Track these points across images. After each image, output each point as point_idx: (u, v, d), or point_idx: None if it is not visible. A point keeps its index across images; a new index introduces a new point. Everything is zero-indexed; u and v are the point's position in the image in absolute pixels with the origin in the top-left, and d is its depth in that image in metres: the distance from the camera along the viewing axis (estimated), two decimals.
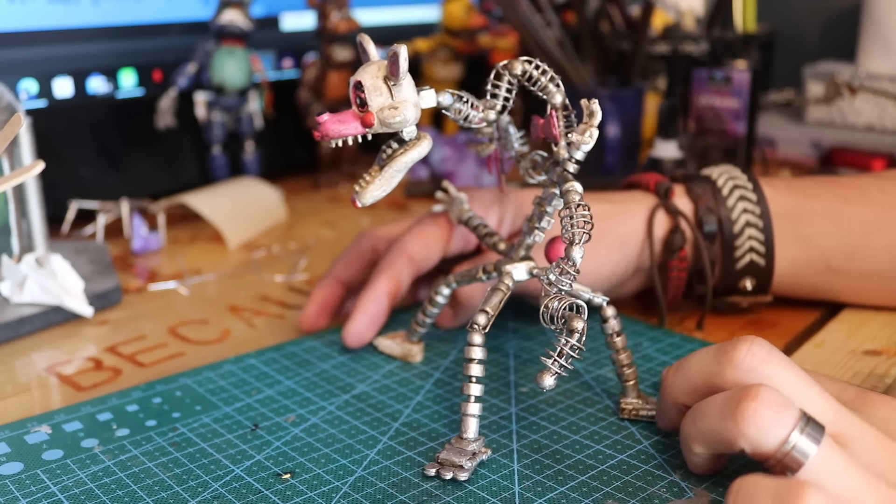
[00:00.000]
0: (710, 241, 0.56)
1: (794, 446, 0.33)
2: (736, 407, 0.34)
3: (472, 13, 1.02)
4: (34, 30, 0.77)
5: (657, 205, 0.56)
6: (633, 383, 0.47)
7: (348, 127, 0.39)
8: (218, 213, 0.77)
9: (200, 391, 0.49)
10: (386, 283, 0.53)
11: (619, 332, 0.46)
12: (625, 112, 0.94)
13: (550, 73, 0.41)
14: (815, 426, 0.33)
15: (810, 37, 1.33)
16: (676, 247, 0.56)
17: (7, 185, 0.45)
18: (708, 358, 0.38)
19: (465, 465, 0.41)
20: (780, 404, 0.34)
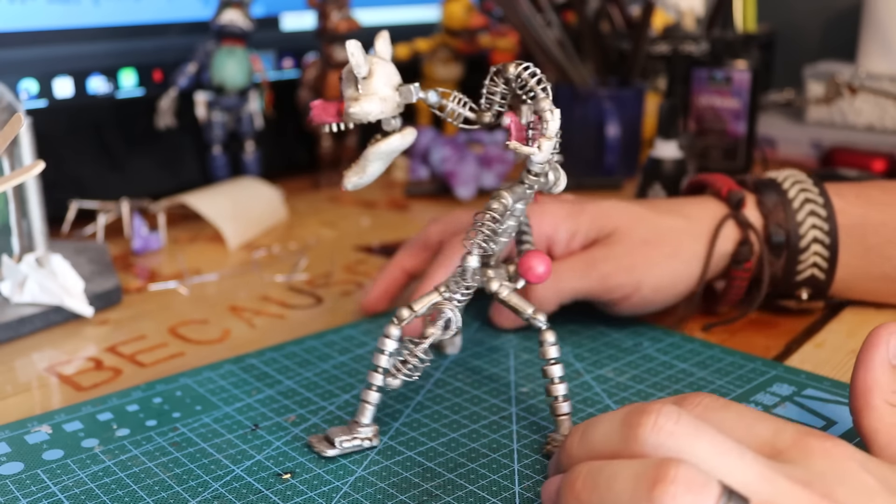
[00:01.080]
0: (775, 255, 0.56)
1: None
2: (651, 491, 0.29)
3: (473, 13, 1.02)
4: (34, 30, 0.77)
5: (727, 215, 0.56)
6: (566, 418, 0.43)
7: (327, 115, 0.41)
8: (218, 213, 0.77)
9: (201, 391, 0.49)
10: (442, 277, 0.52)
11: (555, 359, 0.43)
12: (625, 112, 0.94)
13: (540, 76, 0.40)
14: (739, 500, 0.29)
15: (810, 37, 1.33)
16: (743, 258, 0.56)
17: (7, 185, 0.45)
18: (613, 432, 0.34)
19: (337, 444, 0.42)
20: (698, 484, 0.29)
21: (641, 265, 0.53)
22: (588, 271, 0.53)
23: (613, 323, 0.58)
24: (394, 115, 0.42)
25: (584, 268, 0.53)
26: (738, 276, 0.56)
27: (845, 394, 0.48)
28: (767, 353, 0.54)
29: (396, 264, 0.58)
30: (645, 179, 0.70)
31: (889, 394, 0.38)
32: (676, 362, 0.52)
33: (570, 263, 0.54)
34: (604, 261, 0.53)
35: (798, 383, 0.50)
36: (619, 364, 0.53)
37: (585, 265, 0.53)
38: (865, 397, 0.38)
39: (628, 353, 0.54)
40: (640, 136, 0.97)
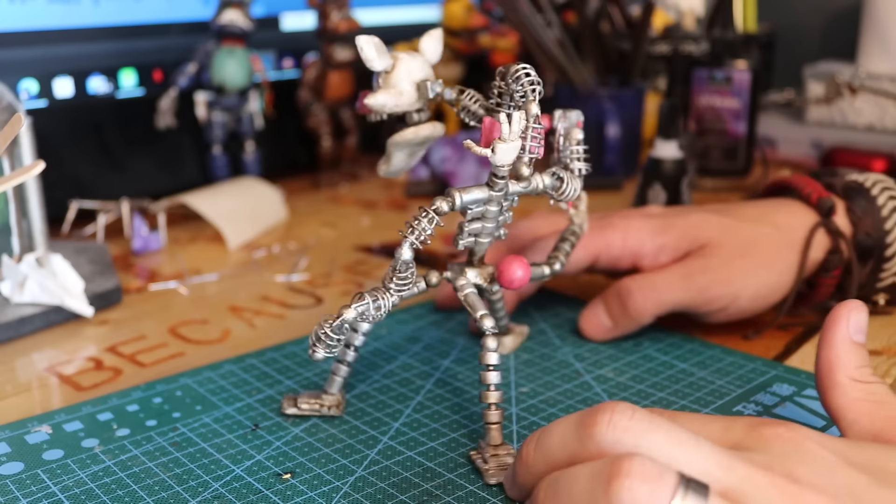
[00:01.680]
0: (862, 262, 0.56)
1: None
2: (608, 487, 0.29)
3: (473, 13, 1.02)
4: (34, 30, 0.77)
5: (818, 223, 0.55)
6: (495, 427, 0.42)
7: (363, 103, 0.44)
8: (218, 213, 0.77)
9: (201, 391, 0.49)
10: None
11: (493, 366, 0.42)
12: (625, 112, 0.94)
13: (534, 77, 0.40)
14: (698, 488, 0.29)
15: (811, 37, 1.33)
16: (832, 266, 0.55)
17: (7, 184, 0.45)
18: (569, 434, 0.34)
19: (300, 405, 0.46)
20: (654, 475, 0.29)
21: (738, 277, 0.53)
22: (686, 283, 0.53)
23: None
24: (414, 108, 0.43)
25: (681, 280, 0.53)
26: (825, 283, 0.56)
27: None
28: (767, 353, 0.54)
29: None
30: (645, 179, 0.70)
31: (852, 370, 0.39)
32: (677, 362, 0.52)
33: (667, 276, 0.53)
34: (701, 273, 0.53)
35: (798, 383, 0.50)
36: (618, 364, 0.53)
37: (683, 277, 0.53)
38: (830, 375, 0.39)
39: (628, 352, 0.54)
40: (640, 136, 0.97)
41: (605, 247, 0.55)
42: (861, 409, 0.38)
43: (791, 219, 0.56)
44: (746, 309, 0.54)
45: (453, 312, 0.60)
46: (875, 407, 0.37)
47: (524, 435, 0.45)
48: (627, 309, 0.53)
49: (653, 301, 0.53)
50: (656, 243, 0.55)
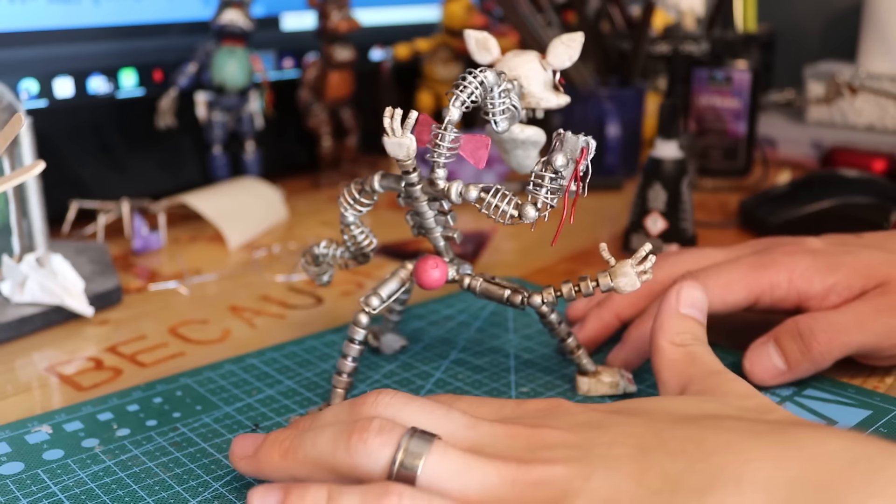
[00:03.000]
0: None
1: (402, 462, 0.33)
2: (348, 440, 0.34)
3: (473, 13, 1.02)
4: (35, 30, 0.77)
5: None
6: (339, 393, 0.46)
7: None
8: (218, 213, 0.77)
9: (201, 391, 0.49)
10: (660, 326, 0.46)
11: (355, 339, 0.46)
12: (625, 112, 0.94)
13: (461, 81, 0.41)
14: (423, 436, 0.33)
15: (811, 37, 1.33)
16: None
17: (8, 184, 0.45)
18: (341, 411, 0.38)
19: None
20: (385, 428, 0.34)
21: None
22: (875, 324, 0.48)
23: None
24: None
25: (869, 319, 0.48)
26: None
27: (845, 393, 0.48)
28: None
29: (611, 310, 0.54)
30: (645, 179, 0.70)
31: (673, 335, 0.43)
32: None
33: (853, 315, 0.48)
34: (888, 312, 0.48)
35: (798, 382, 0.50)
36: None
37: (870, 316, 0.48)
38: (654, 340, 0.43)
39: None
40: (640, 136, 0.97)
41: (769, 287, 0.50)
42: (674, 368, 0.42)
43: None
44: None
45: (468, 320, 0.60)
46: (685, 366, 0.41)
47: None
48: (811, 351, 0.48)
49: (839, 343, 0.48)
50: (827, 284, 0.50)
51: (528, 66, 0.44)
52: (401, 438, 0.33)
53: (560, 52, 0.44)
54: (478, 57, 0.45)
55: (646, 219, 0.70)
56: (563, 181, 0.41)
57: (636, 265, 0.42)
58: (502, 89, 0.42)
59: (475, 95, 0.41)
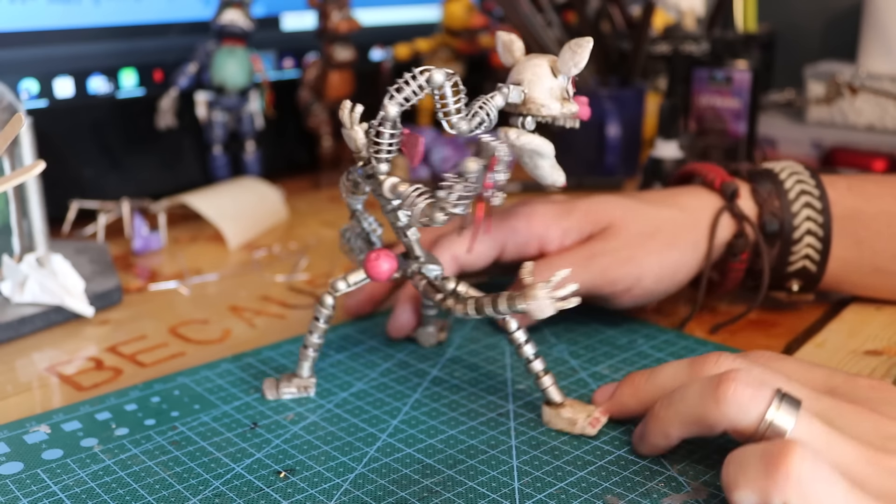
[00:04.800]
0: (769, 244, 0.56)
1: (772, 422, 0.34)
2: (716, 389, 0.36)
3: (473, 13, 1.02)
4: (35, 30, 0.78)
5: (723, 207, 0.56)
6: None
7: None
8: (218, 213, 0.77)
9: (199, 390, 0.49)
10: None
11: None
12: (626, 112, 0.94)
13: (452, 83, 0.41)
14: (791, 401, 0.35)
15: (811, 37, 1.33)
16: (739, 250, 0.56)
17: (8, 184, 0.45)
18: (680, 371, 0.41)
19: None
20: (756, 383, 0.35)
21: (641, 256, 0.53)
22: (587, 266, 0.53)
23: (608, 320, 0.58)
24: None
25: (582, 262, 0.53)
26: (735, 267, 0.56)
27: None
28: None
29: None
30: (645, 179, 0.70)
31: None
32: (671, 359, 0.52)
33: (567, 259, 0.53)
34: (602, 254, 0.53)
35: None
36: (614, 361, 0.53)
37: (584, 259, 0.53)
38: None
39: (623, 349, 0.54)
40: (640, 136, 0.97)
41: (510, 233, 0.55)
42: None
43: (694, 201, 0.57)
44: (651, 290, 0.54)
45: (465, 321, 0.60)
46: None
47: (522, 431, 0.45)
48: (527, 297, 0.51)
49: None
50: (561, 227, 0.55)
51: (534, 70, 0.42)
52: (772, 399, 0.35)
53: (566, 57, 0.42)
54: (502, 58, 0.45)
55: None
56: (475, 188, 0.41)
57: (550, 291, 0.42)
58: (454, 90, 0.41)
59: (413, 95, 0.41)
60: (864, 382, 0.38)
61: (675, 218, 0.56)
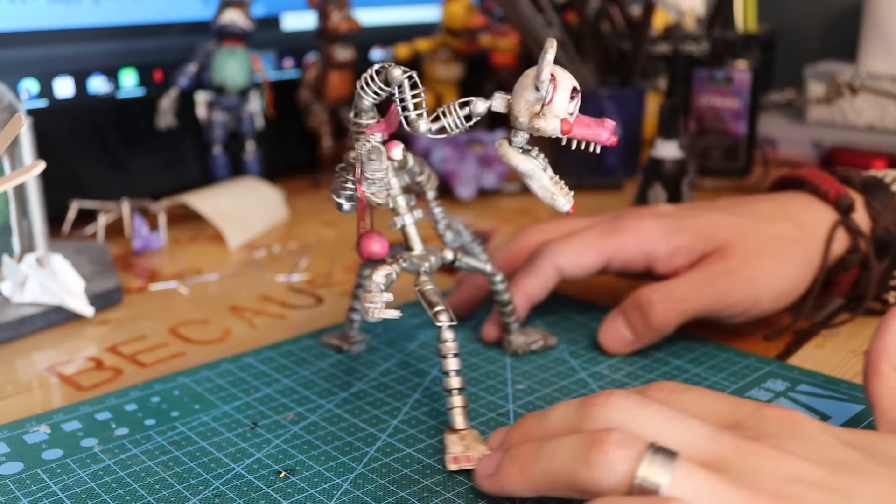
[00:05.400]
0: (879, 258, 0.55)
1: (644, 479, 0.31)
2: (587, 451, 0.33)
3: (473, 13, 1.02)
4: (35, 30, 0.78)
5: (838, 222, 0.54)
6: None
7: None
8: (219, 213, 0.77)
9: (199, 390, 0.49)
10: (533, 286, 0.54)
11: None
12: (626, 112, 0.94)
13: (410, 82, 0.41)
14: (666, 455, 0.32)
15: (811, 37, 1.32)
16: (850, 265, 0.55)
17: (8, 184, 0.45)
18: (570, 413, 0.37)
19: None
20: (626, 442, 0.32)
21: (760, 277, 0.52)
22: (708, 289, 0.51)
23: None
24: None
25: (703, 286, 0.51)
26: (842, 281, 0.55)
27: (839, 389, 0.48)
28: (768, 352, 0.54)
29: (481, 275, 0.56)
30: (645, 179, 0.70)
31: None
32: (671, 359, 0.52)
33: (688, 283, 0.51)
34: (722, 276, 0.51)
35: (792, 379, 0.50)
36: (614, 361, 0.53)
37: (705, 283, 0.51)
38: (875, 363, 0.39)
39: None
40: (640, 136, 0.97)
41: (617, 249, 0.54)
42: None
43: (808, 214, 0.55)
44: (768, 309, 0.53)
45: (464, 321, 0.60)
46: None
47: None
48: (650, 321, 0.51)
49: (676, 312, 0.51)
50: (670, 245, 0.53)
51: (521, 80, 0.41)
52: (643, 454, 0.32)
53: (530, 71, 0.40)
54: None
55: None
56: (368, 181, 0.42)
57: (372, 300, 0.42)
58: (412, 88, 0.41)
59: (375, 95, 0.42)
60: (773, 414, 0.35)
61: (790, 234, 0.54)
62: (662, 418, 0.34)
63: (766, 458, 0.32)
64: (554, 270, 0.54)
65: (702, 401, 0.36)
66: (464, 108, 0.41)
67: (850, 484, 0.31)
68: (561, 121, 0.40)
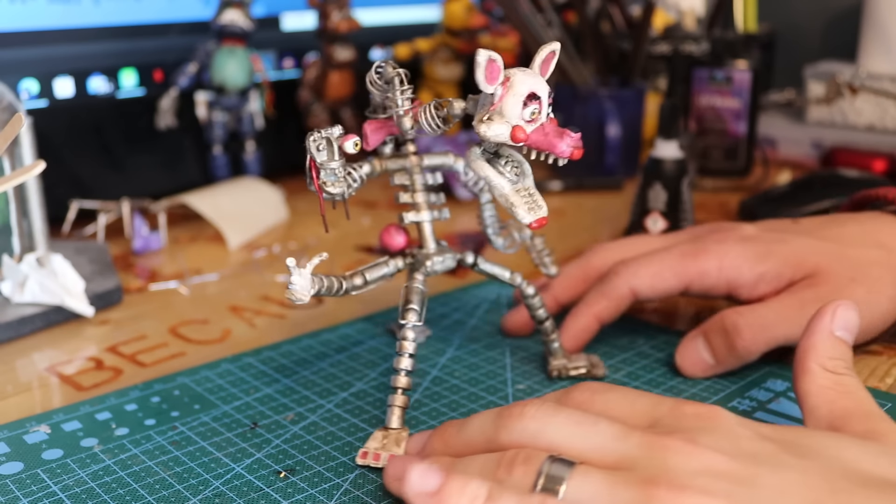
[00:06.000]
0: None
1: (543, 486, 0.33)
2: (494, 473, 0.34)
3: (473, 13, 1.02)
4: (35, 30, 0.78)
5: None
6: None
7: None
8: (219, 212, 0.77)
9: (199, 390, 0.49)
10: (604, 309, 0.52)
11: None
12: (626, 112, 0.94)
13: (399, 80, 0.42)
14: (563, 464, 0.33)
15: (811, 37, 1.33)
16: None
17: (8, 184, 0.45)
18: (488, 423, 0.38)
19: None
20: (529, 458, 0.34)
21: None
22: (799, 318, 0.47)
23: None
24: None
25: (793, 314, 0.49)
26: None
27: None
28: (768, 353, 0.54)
29: (550, 295, 0.56)
30: (645, 179, 0.70)
31: (825, 359, 0.39)
32: (671, 359, 0.52)
33: (777, 309, 0.49)
34: (813, 304, 0.47)
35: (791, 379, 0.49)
36: (614, 361, 0.53)
37: (795, 311, 0.49)
38: (803, 361, 0.39)
39: (623, 349, 0.54)
40: (640, 136, 0.97)
41: (698, 275, 0.51)
42: (825, 396, 0.38)
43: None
44: (858, 339, 0.50)
45: (463, 318, 0.60)
46: (839, 396, 0.38)
47: None
48: (735, 347, 0.49)
49: (763, 339, 0.49)
50: (756, 272, 0.51)
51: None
52: (542, 466, 0.33)
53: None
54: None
55: (646, 219, 0.70)
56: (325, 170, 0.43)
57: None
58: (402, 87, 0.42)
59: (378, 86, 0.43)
60: (691, 410, 0.35)
61: (880, 260, 0.51)
62: (573, 423, 0.35)
63: (676, 451, 0.32)
64: (629, 293, 0.52)
65: (622, 400, 0.37)
66: (440, 110, 0.41)
67: (757, 475, 0.31)
68: (513, 128, 0.38)
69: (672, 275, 0.51)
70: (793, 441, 0.33)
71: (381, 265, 0.47)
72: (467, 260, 0.48)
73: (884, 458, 0.33)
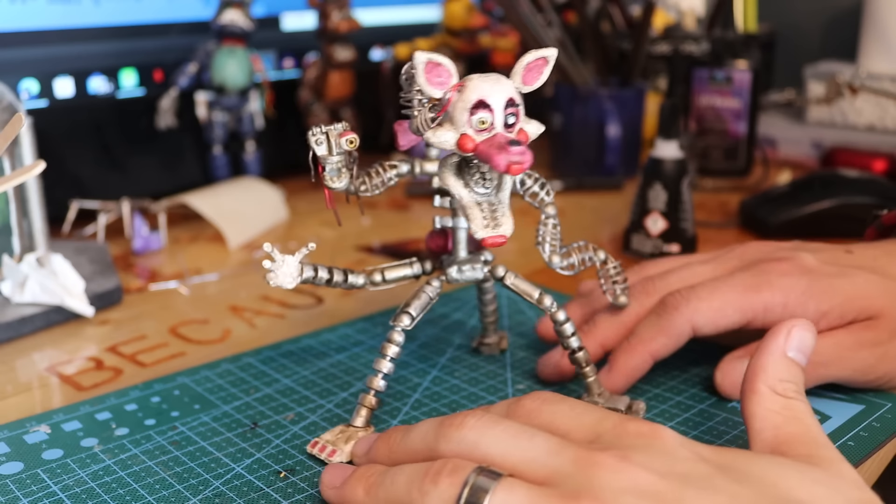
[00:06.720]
0: None
1: (466, 499, 0.32)
2: (422, 481, 0.34)
3: (473, 13, 1.02)
4: (35, 30, 0.78)
5: None
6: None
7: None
8: (219, 212, 0.77)
9: (199, 390, 0.49)
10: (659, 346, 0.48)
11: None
12: (626, 112, 0.94)
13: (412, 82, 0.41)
14: (489, 476, 0.33)
15: (811, 37, 1.33)
16: None
17: (8, 184, 0.45)
18: (430, 431, 0.37)
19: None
20: (456, 469, 0.34)
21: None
22: (853, 359, 0.47)
23: None
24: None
25: (849, 354, 0.47)
26: None
27: (840, 389, 0.48)
28: None
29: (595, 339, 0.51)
30: (645, 179, 0.70)
31: (775, 381, 0.38)
32: (672, 359, 0.52)
33: (832, 347, 0.47)
34: (870, 347, 0.47)
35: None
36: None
37: (851, 351, 0.47)
38: (752, 381, 0.38)
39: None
40: (640, 136, 0.97)
41: (763, 311, 0.48)
42: (771, 420, 0.37)
43: None
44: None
45: (463, 318, 0.60)
46: (785, 421, 0.37)
47: None
48: None
49: (816, 376, 0.47)
50: (820, 310, 0.48)
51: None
52: (468, 476, 0.33)
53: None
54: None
55: (646, 219, 0.70)
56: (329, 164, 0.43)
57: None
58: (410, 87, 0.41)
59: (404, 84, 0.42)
60: (634, 428, 0.34)
61: None
62: (510, 436, 0.35)
63: (605, 468, 0.32)
64: (690, 330, 0.48)
65: (569, 413, 0.37)
66: (431, 112, 0.41)
67: (685, 497, 0.31)
68: (461, 136, 0.37)
69: (734, 310, 0.48)
70: (730, 465, 0.33)
71: (404, 265, 0.45)
72: (497, 272, 0.45)
73: (820, 486, 0.32)
